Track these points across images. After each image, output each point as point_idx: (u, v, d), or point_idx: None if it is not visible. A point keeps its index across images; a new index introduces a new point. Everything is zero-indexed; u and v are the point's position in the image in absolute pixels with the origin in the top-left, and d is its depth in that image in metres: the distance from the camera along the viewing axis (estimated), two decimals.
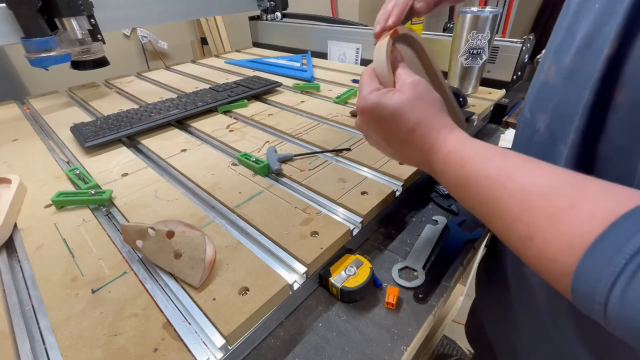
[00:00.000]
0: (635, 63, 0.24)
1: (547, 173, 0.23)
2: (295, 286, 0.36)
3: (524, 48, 0.77)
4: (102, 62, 0.81)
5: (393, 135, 0.32)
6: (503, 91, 0.78)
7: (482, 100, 0.74)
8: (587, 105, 0.27)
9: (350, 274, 0.39)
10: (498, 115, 0.75)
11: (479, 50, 0.70)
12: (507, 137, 0.71)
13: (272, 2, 1.26)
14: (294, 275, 0.37)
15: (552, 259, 0.21)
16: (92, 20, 0.76)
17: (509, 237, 0.24)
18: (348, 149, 0.58)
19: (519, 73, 0.81)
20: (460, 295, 1.30)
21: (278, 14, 1.28)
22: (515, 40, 0.79)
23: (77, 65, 0.79)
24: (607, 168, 0.27)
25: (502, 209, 0.24)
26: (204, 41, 2.49)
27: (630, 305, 0.17)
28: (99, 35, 0.78)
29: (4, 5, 0.67)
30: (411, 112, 0.30)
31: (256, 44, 1.39)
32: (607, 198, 0.20)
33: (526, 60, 0.82)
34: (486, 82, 0.81)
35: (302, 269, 0.37)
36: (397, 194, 0.49)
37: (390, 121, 0.31)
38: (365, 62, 1.06)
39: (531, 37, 0.80)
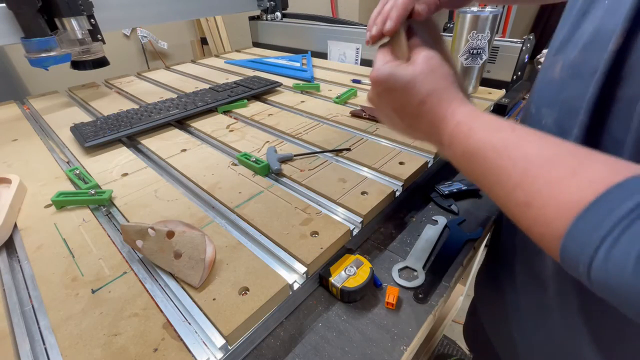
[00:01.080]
0: (635, 58, 0.24)
1: (552, 145, 0.23)
2: (295, 286, 0.36)
3: (524, 48, 0.77)
4: (102, 62, 0.81)
5: (405, 107, 0.32)
6: (503, 91, 0.78)
7: (482, 100, 0.74)
8: (591, 100, 0.27)
9: (350, 274, 0.39)
10: (498, 115, 0.75)
11: (479, 50, 0.70)
12: None
13: (272, 2, 1.26)
14: (294, 275, 0.37)
15: (546, 223, 0.21)
16: (92, 20, 0.76)
17: (508, 204, 0.25)
18: (348, 149, 0.58)
19: (519, 73, 0.81)
20: (460, 295, 1.30)
21: (278, 14, 1.28)
22: (515, 40, 0.79)
23: (77, 65, 0.79)
24: None
25: (505, 177, 0.24)
26: (204, 41, 2.49)
27: (613, 265, 0.18)
28: (99, 35, 0.79)
29: (4, 5, 0.67)
30: (424, 84, 0.30)
31: (256, 44, 1.39)
32: (607, 168, 0.20)
33: (526, 60, 0.82)
34: (486, 82, 0.81)
35: (302, 269, 0.37)
36: (397, 194, 0.49)
37: (402, 92, 0.31)
38: (365, 62, 1.06)
39: (531, 37, 0.80)
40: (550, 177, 0.22)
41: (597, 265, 0.18)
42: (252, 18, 1.35)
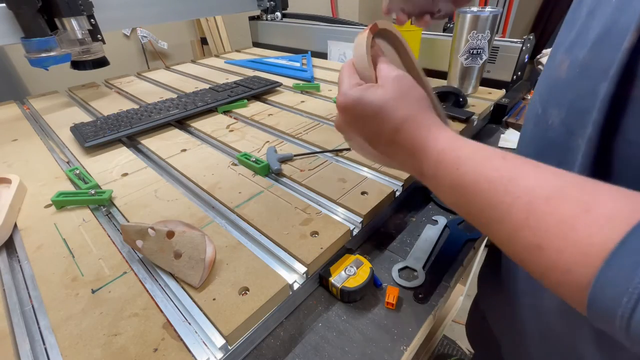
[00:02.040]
0: None
1: (550, 175, 0.21)
2: (295, 286, 0.36)
3: (524, 48, 0.77)
4: (102, 62, 0.81)
5: (377, 135, 0.30)
6: (503, 91, 0.78)
7: (482, 100, 0.74)
8: (605, 99, 0.26)
9: (350, 274, 0.39)
10: (498, 115, 0.75)
11: (479, 50, 0.70)
12: (507, 137, 0.71)
13: (272, 2, 1.26)
14: (294, 275, 0.37)
15: (565, 270, 0.19)
16: (92, 20, 0.76)
17: (512, 246, 0.22)
18: (348, 149, 0.58)
19: (519, 73, 0.81)
20: (460, 295, 1.30)
21: (278, 14, 1.28)
22: (515, 40, 0.79)
23: (77, 65, 0.79)
24: (623, 162, 0.26)
25: (505, 215, 0.22)
26: (204, 41, 2.49)
27: None
28: (99, 35, 0.79)
29: (4, 5, 0.67)
30: (396, 109, 0.28)
31: (256, 44, 1.39)
32: (623, 201, 0.18)
33: (526, 60, 0.82)
34: (486, 82, 0.81)
35: (302, 269, 0.37)
36: (397, 194, 0.49)
37: (373, 119, 0.29)
38: None
39: (531, 37, 0.80)
40: (560, 214, 0.19)
41: (639, 319, 0.16)
42: (252, 18, 1.35)
